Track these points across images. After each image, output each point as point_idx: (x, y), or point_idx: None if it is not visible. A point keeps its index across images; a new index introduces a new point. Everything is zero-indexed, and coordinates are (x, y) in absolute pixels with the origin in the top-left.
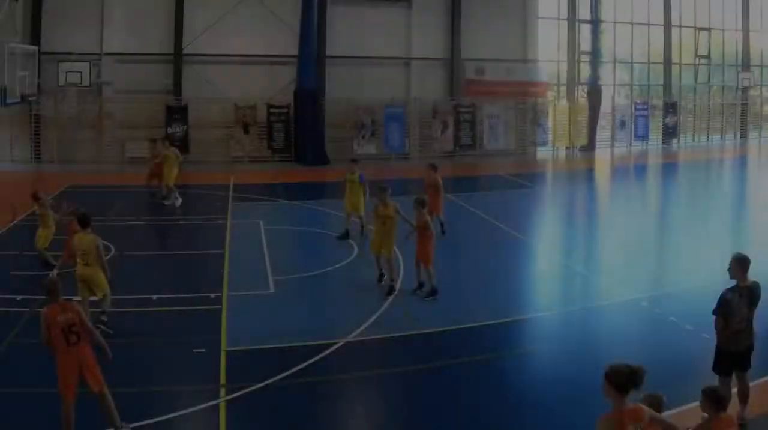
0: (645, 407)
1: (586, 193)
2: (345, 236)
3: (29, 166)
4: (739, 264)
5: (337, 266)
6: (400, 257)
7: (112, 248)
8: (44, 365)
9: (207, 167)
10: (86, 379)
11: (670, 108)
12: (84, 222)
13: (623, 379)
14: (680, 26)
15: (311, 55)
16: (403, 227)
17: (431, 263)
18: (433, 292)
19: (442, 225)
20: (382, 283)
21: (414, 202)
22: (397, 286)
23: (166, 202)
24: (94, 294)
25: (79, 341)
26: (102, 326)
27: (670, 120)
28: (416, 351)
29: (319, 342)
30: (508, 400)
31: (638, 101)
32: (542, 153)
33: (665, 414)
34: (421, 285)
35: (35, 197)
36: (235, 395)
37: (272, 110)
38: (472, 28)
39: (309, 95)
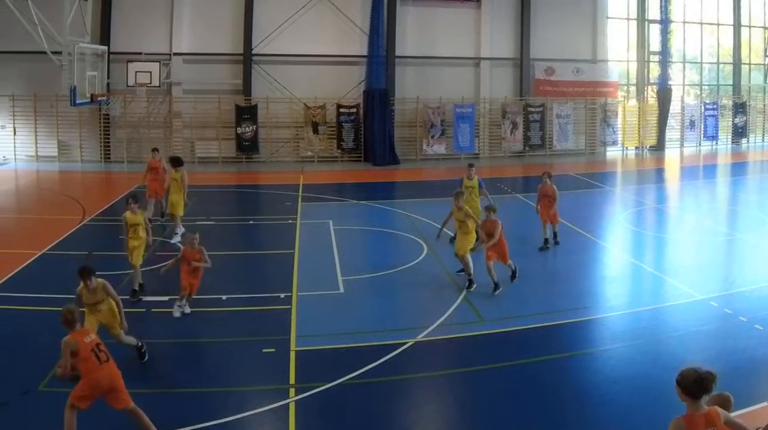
0: (720, 410)
1: (656, 194)
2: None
3: (99, 166)
4: None
5: (406, 266)
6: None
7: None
8: None
9: (276, 167)
10: (109, 399)
11: (740, 108)
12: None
13: (692, 385)
14: (750, 26)
15: (381, 55)
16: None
17: (506, 257)
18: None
19: (555, 235)
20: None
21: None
22: (474, 282)
23: (173, 240)
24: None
25: (108, 359)
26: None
27: (739, 120)
28: (486, 351)
29: (389, 342)
30: (580, 399)
31: (707, 101)
32: (612, 153)
33: (732, 414)
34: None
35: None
36: (304, 395)
37: (342, 110)
38: (542, 28)
39: (378, 95)
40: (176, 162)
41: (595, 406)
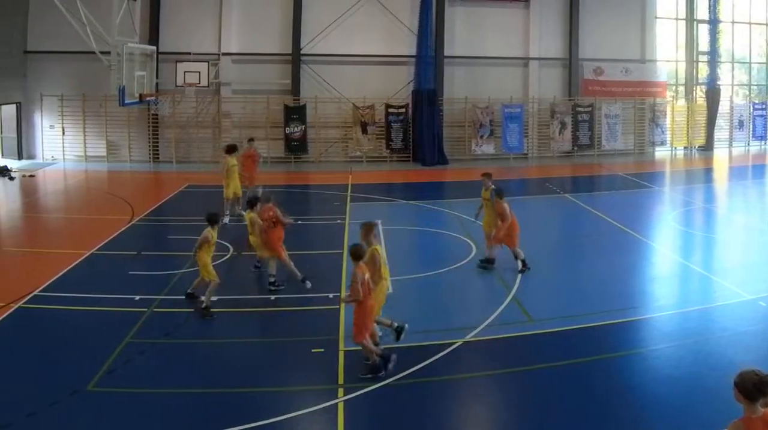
0: None
1: (704, 193)
2: (488, 262)
3: (147, 166)
4: None
5: (454, 266)
6: (519, 262)
7: (231, 247)
8: (160, 365)
9: (325, 167)
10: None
11: None
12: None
13: (751, 387)
14: None
15: (429, 55)
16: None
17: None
18: None
19: (490, 260)
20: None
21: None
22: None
23: (228, 220)
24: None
25: (275, 226)
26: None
27: None
28: (534, 352)
29: (437, 342)
30: (628, 399)
31: (756, 101)
32: (660, 153)
33: None
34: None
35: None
36: (353, 395)
37: (390, 110)
38: (590, 28)
39: (427, 95)
40: (231, 149)
41: (644, 406)
